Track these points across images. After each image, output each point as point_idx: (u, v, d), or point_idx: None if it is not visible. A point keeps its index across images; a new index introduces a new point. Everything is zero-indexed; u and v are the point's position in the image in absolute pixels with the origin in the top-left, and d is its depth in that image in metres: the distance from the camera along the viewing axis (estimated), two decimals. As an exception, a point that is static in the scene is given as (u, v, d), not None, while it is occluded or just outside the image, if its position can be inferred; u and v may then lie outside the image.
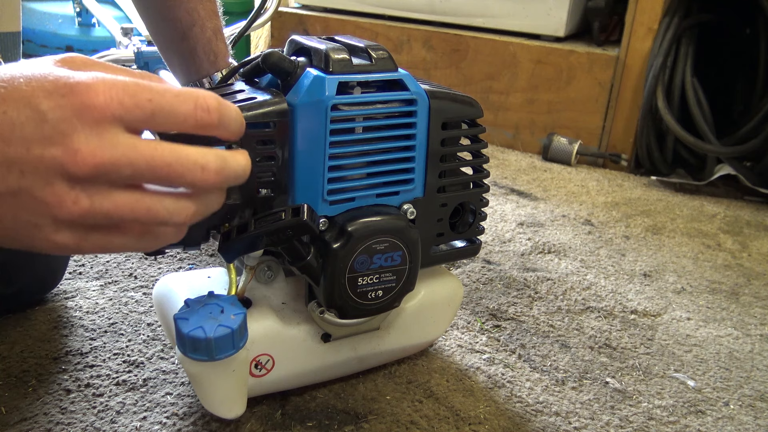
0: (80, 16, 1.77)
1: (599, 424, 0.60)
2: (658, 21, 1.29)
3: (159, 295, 0.59)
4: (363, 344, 0.60)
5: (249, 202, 0.49)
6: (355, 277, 0.52)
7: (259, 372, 0.55)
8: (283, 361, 0.56)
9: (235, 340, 0.47)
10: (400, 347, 0.63)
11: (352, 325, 0.57)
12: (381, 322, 0.60)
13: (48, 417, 0.55)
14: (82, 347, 0.65)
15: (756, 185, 1.23)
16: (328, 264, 0.51)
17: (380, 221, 0.52)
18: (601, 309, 0.81)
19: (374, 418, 0.58)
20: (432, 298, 0.63)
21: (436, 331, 0.65)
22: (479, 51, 1.46)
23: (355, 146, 0.51)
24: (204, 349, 0.46)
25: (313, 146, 0.49)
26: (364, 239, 0.51)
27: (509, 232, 1.02)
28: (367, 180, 0.53)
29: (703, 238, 1.06)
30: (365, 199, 0.53)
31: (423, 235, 0.55)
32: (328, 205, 0.51)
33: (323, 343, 0.57)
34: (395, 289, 0.54)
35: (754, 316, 0.83)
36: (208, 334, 0.46)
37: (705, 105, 1.24)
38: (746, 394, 0.67)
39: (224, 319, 0.47)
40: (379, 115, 0.51)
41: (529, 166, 1.37)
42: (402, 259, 0.53)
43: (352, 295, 0.52)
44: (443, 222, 0.58)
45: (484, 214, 0.60)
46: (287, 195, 0.51)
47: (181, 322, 0.47)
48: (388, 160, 0.53)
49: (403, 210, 0.54)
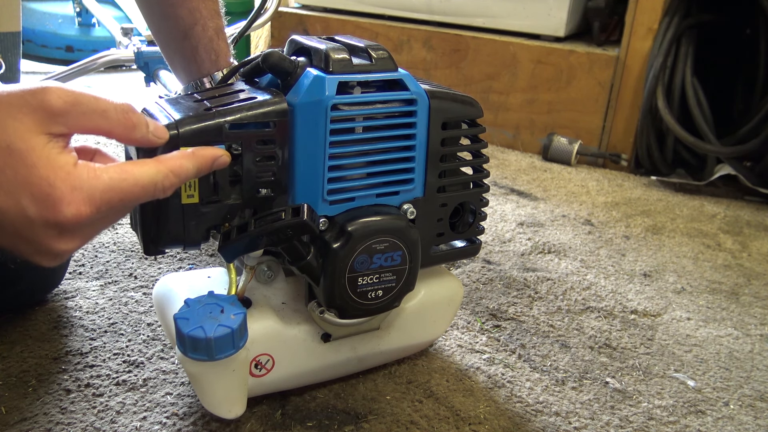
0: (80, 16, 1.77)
1: (599, 424, 0.60)
2: (658, 21, 1.29)
3: (159, 295, 0.59)
4: (363, 344, 0.60)
5: (249, 201, 0.49)
6: (355, 277, 0.52)
7: (259, 372, 0.55)
8: (283, 361, 0.56)
9: (235, 340, 0.47)
10: (400, 347, 0.63)
11: (352, 325, 0.57)
12: (381, 322, 0.60)
13: (48, 417, 0.55)
14: (82, 347, 0.65)
15: (756, 185, 1.23)
16: (328, 264, 0.50)
17: (380, 221, 0.52)
18: (601, 309, 0.81)
19: (374, 418, 0.58)
20: (432, 298, 0.63)
21: (436, 331, 0.65)
22: (479, 51, 1.46)
23: (355, 146, 0.51)
24: (204, 349, 0.46)
25: (313, 146, 0.49)
26: (364, 239, 0.51)
27: (509, 232, 1.02)
28: (367, 180, 0.52)
29: (703, 238, 1.06)
30: (365, 199, 0.53)
31: (423, 235, 0.55)
32: (328, 205, 0.51)
33: (323, 343, 0.57)
34: (395, 289, 0.54)
35: (754, 316, 0.82)
36: (208, 333, 0.46)
37: (705, 105, 1.24)
38: (746, 394, 0.67)
39: (224, 319, 0.47)
40: (379, 114, 0.51)
41: (529, 166, 1.37)
42: (402, 259, 0.53)
43: (352, 295, 0.52)
44: (443, 222, 0.58)
45: (484, 214, 0.60)
46: (287, 195, 0.51)
47: (181, 321, 0.47)
48: (388, 160, 0.53)
49: (403, 210, 0.54)
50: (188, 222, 0.48)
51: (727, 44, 1.38)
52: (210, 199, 0.48)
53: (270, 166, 0.49)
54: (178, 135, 0.45)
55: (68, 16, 1.80)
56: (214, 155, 0.45)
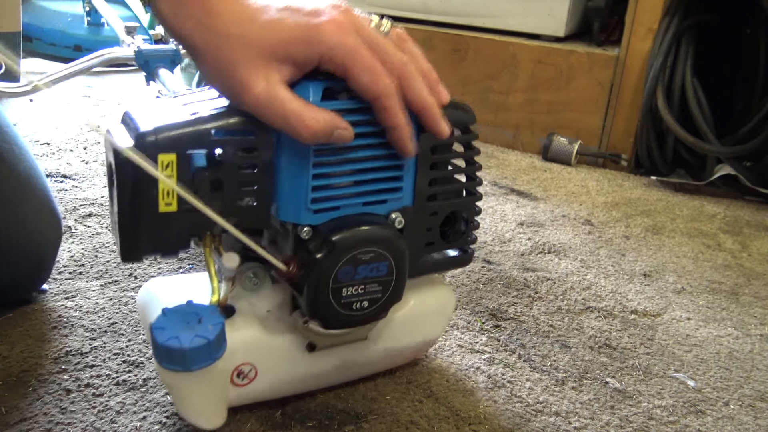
0: (89, 15, 1.77)
1: (599, 424, 0.60)
2: (658, 21, 1.29)
3: (141, 302, 0.58)
4: (350, 354, 0.58)
5: (230, 210, 0.48)
6: (339, 287, 0.50)
7: (242, 381, 0.53)
8: (267, 371, 0.54)
9: (211, 350, 0.46)
10: (388, 358, 0.61)
11: (337, 336, 0.55)
12: (369, 332, 0.58)
13: (48, 417, 0.55)
14: (82, 347, 0.65)
15: (756, 185, 1.23)
16: (312, 274, 0.49)
17: (366, 231, 0.50)
18: (601, 309, 0.81)
19: (374, 418, 0.58)
20: (422, 308, 0.61)
21: (427, 341, 0.64)
22: (479, 51, 1.46)
23: (341, 154, 0.49)
24: (179, 360, 0.45)
25: (297, 154, 0.48)
26: (349, 249, 0.49)
27: (509, 232, 1.02)
28: (354, 188, 0.51)
29: (703, 238, 1.06)
30: (351, 208, 0.51)
31: (412, 245, 0.54)
32: (312, 214, 0.49)
33: (308, 352, 0.56)
34: (381, 300, 0.53)
35: (754, 316, 0.83)
36: (183, 344, 0.44)
37: (705, 105, 1.24)
38: (746, 394, 0.67)
39: (201, 329, 0.46)
40: (365, 121, 0.49)
41: (529, 166, 1.37)
42: (388, 270, 0.52)
43: (336, 305, 0.51)
44: (433, 231, 0.56)
45: (476, 223, 0.59)
46: (270, 203, 0.50)
47: (157, 331, 0.45)
48: (376, 168, 0.51)
49: (391, 219, 0.52)
50: (166, 230, 0.46)
51: (727, 44, 1.38)
52: (189, 207, 0.46)
53: (253, 175, 0.48)
54: (156, 140, 0.44)
55: (78, 15, 1.80)
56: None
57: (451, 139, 0.54)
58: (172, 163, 0.45)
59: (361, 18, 0.47)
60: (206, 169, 0.46)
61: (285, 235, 0.52)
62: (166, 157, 0.44)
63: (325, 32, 0.44)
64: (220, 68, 0.45)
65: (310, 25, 0.44)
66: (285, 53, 0.44)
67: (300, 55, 0.44)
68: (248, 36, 0.44)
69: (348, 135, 0.47)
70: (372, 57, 0.45)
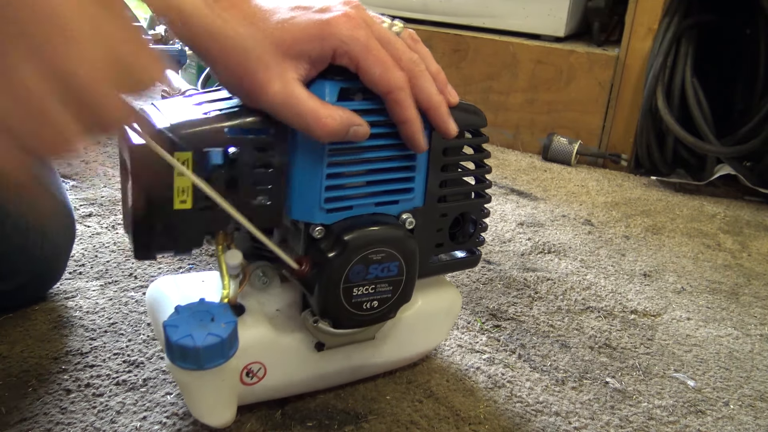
0: None
1: (599, 424, 0.60)
2: (658, 21, 1.29)
3: (151, 299, 0.58)
4: (357, 354, 0.59)
5: (244, 209, 0.48)
6: (350, 287, 0.51)
7: (251, 380, 0.54)
8: (275, 370, 0.54)
9: (224, 349, 0.46)
10: (395, 358, 0.62)
11: (346, 335, 0.56)
12: (377, 332, 0.58)
13: (48, 417, 0.55)
14: (82, 347, 0.65)
15: (756, 185, 1.23)
16: (323, 273, 0.49)
17: (377, 231, 0.50)
18: (601, 309, 0.81)
19: (374, 418, 0.58)
20: (429, 309, 0.61)
21: (433, 342, 0.64)
22: (479, 51, 1.46)
23: (355, 154, 0.50)
24: (193, 358, 0.45)
25: (311, 154, 0.48)
26: (361, 249, 0.49)
27: (509, 232, 1.02)
28: (367, 188, 0.51)
29: (703, 238, 1.06)
30: (364, 208, 0.51)
31: (421, 245, 0.54)
32: (326, 213, 0.50)
33: (317, 352, 0.56)
34: (391, 300, 0.53)
35: (754, 316, 0.83)
36: (197, 342, 0.45)
37: (705, 105, 1.24)
38: (746, 394, 0.67)
39: (214, 327, 0.46)
40: (380, 122, 0.49)
41: (529, 166, 1.37)
42: (399, 270, 0.52)
43: (346, 305, 0.51)
44: (443, 232, 0.57)
45: (485, 225, 0.59)
46: (284, 202, 0.50)
47: (170, 329, 0.45)
48: (389, 169, 0.51)
49: (402, 219, 0.53)
50: (180, 228, 0.46)
51: (727, 44, 1.38)
52: (203, 205, 0.46)
53: (267, 174, 0.48)
54: (172, 138, 0.44)
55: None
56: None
57: (461, 142, 0.55)
58: (188, 161, 0.45)
59: (371, 15, 0.47)
60: (221, 167, 0.46)
61: (296, 234, 0.52)
62: (182, 155, 0.45)
63: (337, 26, 0.44)
64: (234, 70, 0.45)
65: (322, 21, 0.44)
66: (299, 51, 0.44)
67: (314, 51, 0.45)
68: (262, 36, 0.44)
69: (363, 132, 0.47)
70: (383, 50, 0.46)
